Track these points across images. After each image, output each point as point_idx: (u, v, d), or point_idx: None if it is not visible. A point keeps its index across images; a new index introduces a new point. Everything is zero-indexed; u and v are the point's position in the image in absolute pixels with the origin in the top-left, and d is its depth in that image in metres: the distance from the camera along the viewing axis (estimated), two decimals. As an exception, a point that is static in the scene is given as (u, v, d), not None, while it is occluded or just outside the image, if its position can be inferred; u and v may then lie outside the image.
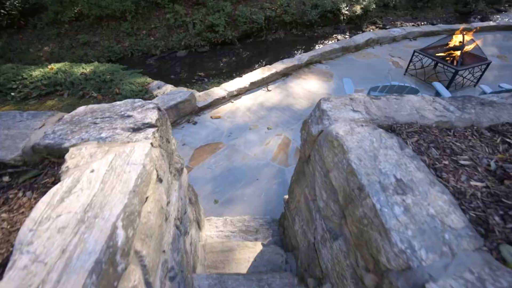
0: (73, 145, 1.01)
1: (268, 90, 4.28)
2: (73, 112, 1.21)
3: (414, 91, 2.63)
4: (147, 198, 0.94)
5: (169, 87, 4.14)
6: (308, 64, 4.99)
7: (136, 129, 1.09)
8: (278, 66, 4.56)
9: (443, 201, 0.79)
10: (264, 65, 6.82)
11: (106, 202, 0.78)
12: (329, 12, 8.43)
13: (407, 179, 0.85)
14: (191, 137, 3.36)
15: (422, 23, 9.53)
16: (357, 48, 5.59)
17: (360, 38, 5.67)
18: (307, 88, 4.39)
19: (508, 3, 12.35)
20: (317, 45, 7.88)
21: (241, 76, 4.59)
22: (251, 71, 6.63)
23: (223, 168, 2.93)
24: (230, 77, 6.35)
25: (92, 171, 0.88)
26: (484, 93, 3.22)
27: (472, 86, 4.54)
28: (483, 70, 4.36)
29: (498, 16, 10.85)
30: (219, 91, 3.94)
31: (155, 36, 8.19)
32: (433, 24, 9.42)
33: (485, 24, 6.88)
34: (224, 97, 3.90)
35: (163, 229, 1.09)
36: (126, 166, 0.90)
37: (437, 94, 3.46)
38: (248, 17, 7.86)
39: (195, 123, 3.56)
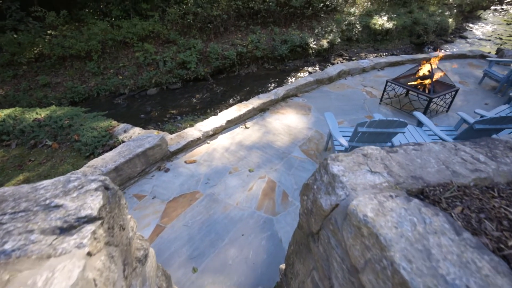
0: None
1: (246, 128, 4.03)
2: (-30, 203, 0.81)
3: (403, 124, 2.51)
4: None
5: (136, 130, 3.74)
6: (285, 98, 4.88)
7: (66, 229, 0.71)
8: (254, 102, 4.38)
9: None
10: (239, 100, 6.69)
11: None
12: (298, 47, 8.73)
13: (490, 294, 0.56)
14: (162, 187, 2.93)
15: (384, 54, 10.20)
16: (331, 80, 5.65)
17: (333, 70, 5.77)
18: (286, 123, 4.21)
19: (452, 35, 13.84)
20: (289, 78, 8.00)
21: (216, 114, 4.33)
22: (225, 106, 6.45)
23: (201, 224, 2.51)
24: (204, 113, 6.10)
25: None
26: (465, 121, 3.21)
27: (445, 112, 4.65)
28: (453, 96, 4.50)
29: (447, 46, 12.01)
30: (193, 132, 3.62)
31: (123, 75, 7.87)
32: (393, 55, 10.13)
33: (439, 53, 7.42)
34: (199, 138, 3.57)
35: None
36: (31, 318, 0.52)
37: (419, 123, 3.41)
38: (220, 54, 7.87)
39: (167, 170, 3.15)
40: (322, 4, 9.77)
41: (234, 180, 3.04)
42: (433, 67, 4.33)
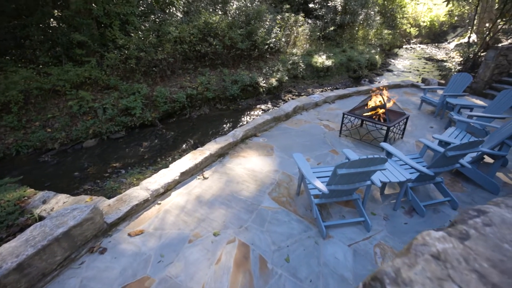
0: None
1: (205, 178, 3.46)
2: None
3: (383, 161, 2.27)
4: None
5: (61, 199, 2.89)
6: (244, 139, 4.50)
7: None
8: (211, 147, 3.89)
9: None
10: (192, 144, 6.12)
11: None
12: (248, 86, 8.76)
13: None
14: (97, 279, 2.12)
15: (328, 88, 10.88)
16: (288, 116, 5.53)
17: (288, 106, 5.69)
18: (250, 167, 3.77)
19: (381, 69, 15.72)
20: (243, 117, 7.79)
21: (167, 164, 3.71)
22: (178, 152, 5.80)
23: (154, 330, 1.77)
24: (154, 163, 5.35)
25: None
26: (429, 148, 3.17)
27: (400, 138, 4.76)
28: (405, 123, 4.65)
29: (378, 78, 13.47)
30: (138, 192, 2.91)
31: (52, 127, 6.74)
32: (337, 88, 10.85)
33: (380, 85, 8.07)
34: (146, 200, 2.87)
35: None
36: None
37: (388, 154, 3.26)
38: (168, 97, 7.38)
39: (103, 251, 2.36)
40: (266, 46, 10.22)
41: (195, 251, 2.38)
42: (384, 98, 4.46)
